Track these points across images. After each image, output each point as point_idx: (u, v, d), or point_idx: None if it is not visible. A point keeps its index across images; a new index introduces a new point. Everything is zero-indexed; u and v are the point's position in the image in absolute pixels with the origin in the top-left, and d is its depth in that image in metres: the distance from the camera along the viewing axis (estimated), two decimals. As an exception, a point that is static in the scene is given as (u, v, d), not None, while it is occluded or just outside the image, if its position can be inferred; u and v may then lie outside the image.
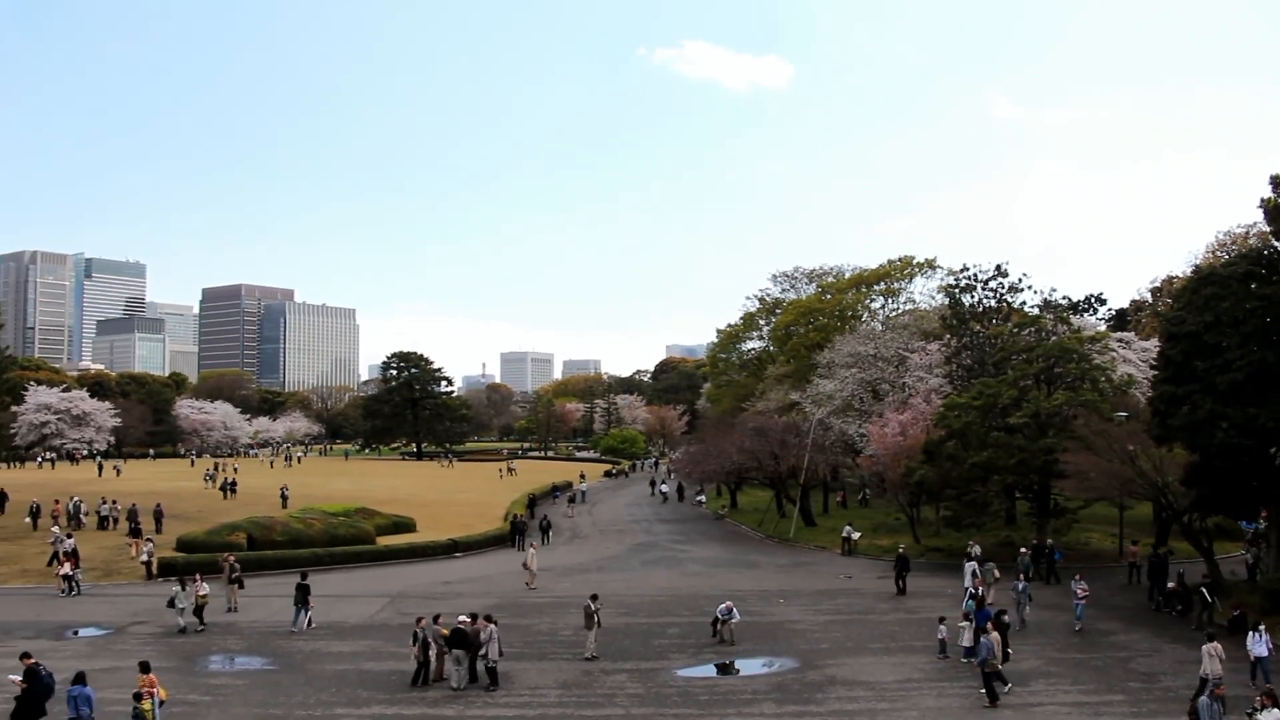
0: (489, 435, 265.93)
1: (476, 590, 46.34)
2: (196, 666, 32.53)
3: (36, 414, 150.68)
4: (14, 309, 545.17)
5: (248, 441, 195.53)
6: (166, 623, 38.02)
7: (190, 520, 66.88)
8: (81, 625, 38.92)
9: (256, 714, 27.02)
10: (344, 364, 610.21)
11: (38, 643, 35.45)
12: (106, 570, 52.11)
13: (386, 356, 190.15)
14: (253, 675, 31.58)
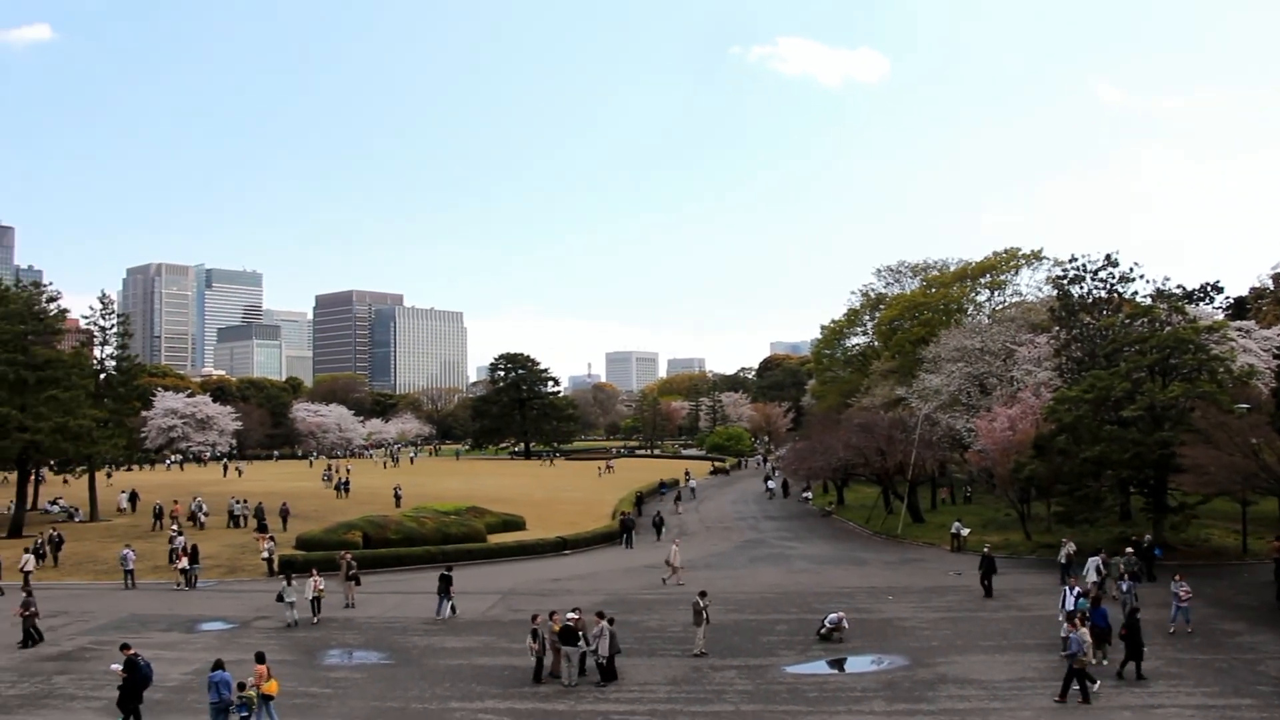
0: (595, 434, 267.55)
1: (585, 587, 46.88)
2: (316, 660, 33.60)
3: (164, 418, 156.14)
4: (142, 319, 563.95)
5: (362, 443, 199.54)
6: (286, 618, 39.44)
7: (309, 519, 68.93)
8: (209, 620, 40.49)
9: (374, 707, 27.77)
10: (453, 366, 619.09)
11: (170, 635, 37.12)
12: (230, 568, 53.96)
13: (494, 358, 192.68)
14: (370, 669, 32.50)
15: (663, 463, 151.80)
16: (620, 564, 56.30)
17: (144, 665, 26.20)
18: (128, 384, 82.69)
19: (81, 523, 73.57)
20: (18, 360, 68.04)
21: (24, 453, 69.11)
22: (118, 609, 42.91)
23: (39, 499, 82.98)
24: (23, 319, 71.94)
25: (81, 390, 71.91)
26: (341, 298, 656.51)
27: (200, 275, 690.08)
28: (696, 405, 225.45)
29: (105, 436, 72.98)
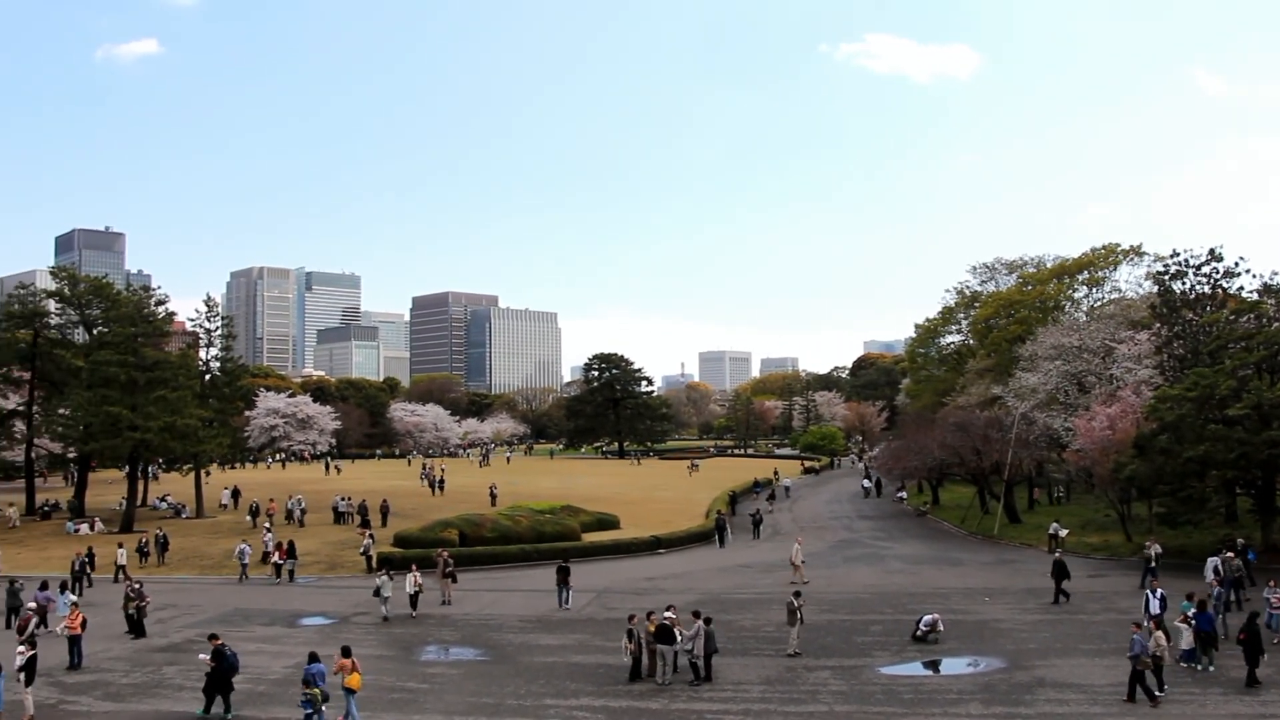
0: (689, 434, 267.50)
1: (679, 586, 46.97)
2: (413, 655, 34.21)
3: (266, 418, 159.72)
4: (244, 321, 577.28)
5: (458, 442, 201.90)
6: (381, 612, 40.26)
7: (406, 517, 70.03)
8: (310, 614, 41.50)
9: (470, 703, 28.12)
10: (547, 366, 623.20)
11: (272, 629, 38.11)
12: (330, 564, 55.13)
13: (588, 358, 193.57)
14: (466, 665, 32.99)
15: (756, 462, 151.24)
16: (714, 563, 56.32)
17: (230, 655, 27.21)
18: (232, 384, 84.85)
19: (188, 519, 75.62)
20: (128, 361, 70.20)
21: (134, 450, 71.35)
22: (223, 603, 44.14)
23: (148, 496, 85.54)
24: (133, 321, 74.32)
25: (188, 390, 73.93)
26: (438, 299, 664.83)
27: (300, 278, 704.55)
28: (790, 404, 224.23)
29: (210, 435, 74.91)
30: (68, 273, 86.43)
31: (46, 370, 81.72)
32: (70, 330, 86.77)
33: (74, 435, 73.55)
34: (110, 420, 67.88)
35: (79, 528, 68.36)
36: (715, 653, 30.35)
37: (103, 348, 73.69)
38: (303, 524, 69.26)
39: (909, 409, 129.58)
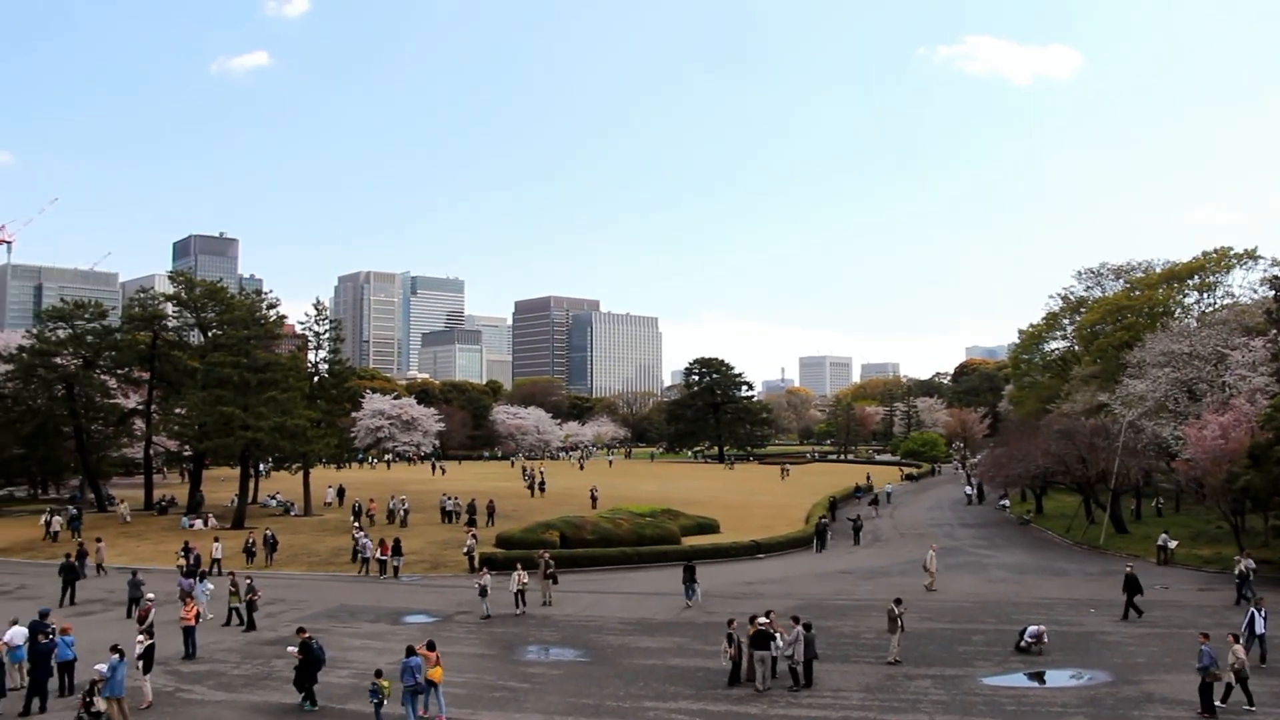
0: (788, 438, 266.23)
1: (778, 591, 46.90)
2: (514, 655, 34.63)
3: (372, 419, 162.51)
4: (352, 324, 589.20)
5: (559, 445, 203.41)
6: (482, 610, 40.86)
7: (507, 518, 70.98)
8: (413, 612, 42.26)
9: (570, 703, 28.36)
10: (648, 370, 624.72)
11: (378, 625, 38.90)
12: (434, 563, 56.03)
13: (688, 362, 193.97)
14: (566, 666, 33.30)
15: (854, 468, 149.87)
16: (814, 569, 56.10)
17: (317, 647, 28.13)
18: (339, 386, 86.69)
19: (296, 516, 77.47)
20: (241, 363, 72.15)
21: (246, 449, 73.28)
22: (329, 599, 45.14)
23: (259, 493, 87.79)
24: (246, 324, 76.42)
25: (297, 391, 75.73)
26: (540, 303, 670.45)
27: (406, 282, 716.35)
28: (891, 410, 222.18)
29: (319, 435, 76.61)
30: (185, 277, 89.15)
31: (164, 371, 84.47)
32: (186, 332, 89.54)
33: (189, 434, 75.82)
34: (223, 420, 69.83)
35: (193, 523, 70.46)
36: (815, 659, 30.26)
37: (217, 349, 75.87)
38: (405, 524, 70.48)
39: (1012, 415, 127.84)
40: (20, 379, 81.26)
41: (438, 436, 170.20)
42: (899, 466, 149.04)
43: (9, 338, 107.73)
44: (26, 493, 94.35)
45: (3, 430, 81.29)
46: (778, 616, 31.62)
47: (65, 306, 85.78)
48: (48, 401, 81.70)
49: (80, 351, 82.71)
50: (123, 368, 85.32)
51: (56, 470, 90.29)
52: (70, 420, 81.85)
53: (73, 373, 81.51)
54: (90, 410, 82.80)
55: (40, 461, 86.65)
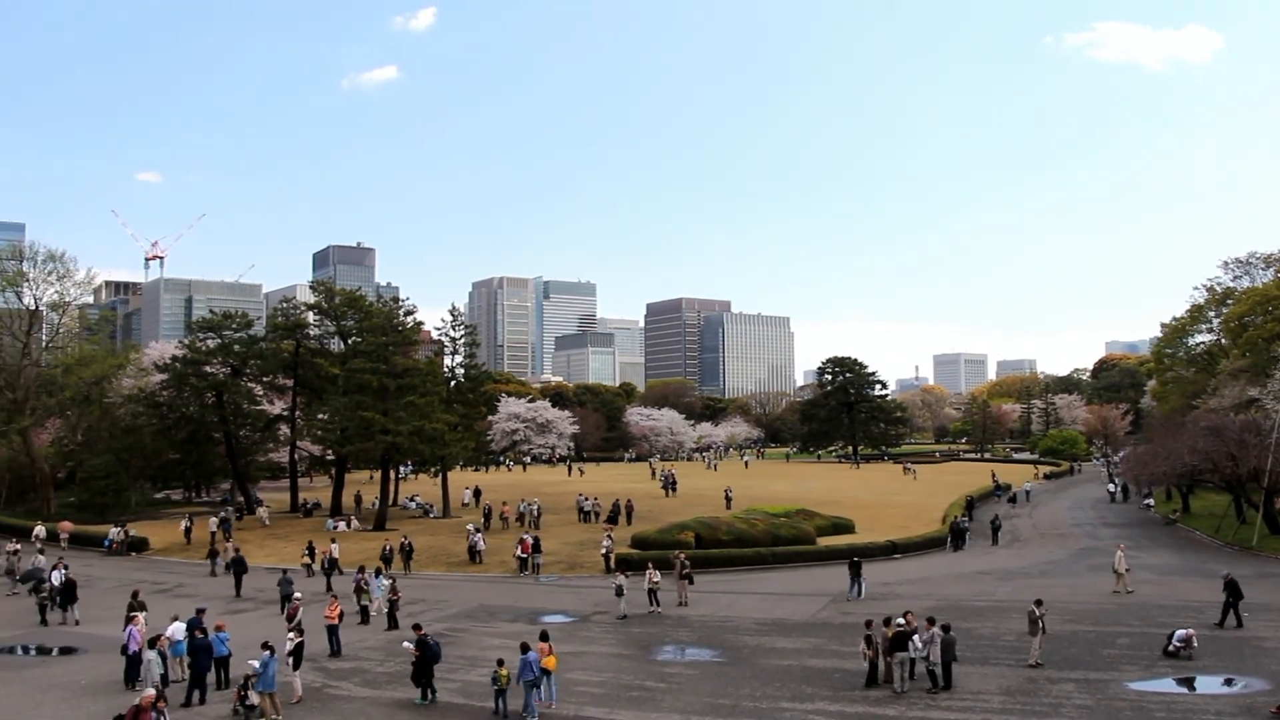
0: (923, 438, 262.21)
1: (916, 592, 46.29)
2: (650, 654, 34.86)
3: (507, 422, 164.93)
4: (486, 329, 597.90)
5: (692, 446, 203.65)
6: (619, 609, 41.21)
7: (642, 519, 71.54)
8: (551, 612, 42.85)
9: (706, 703, 28.42)
10: (780, 370, 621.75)
11: (516, 625, 39.51)
12: (570, 564, 56.68)
13: (821, 362, 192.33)
14: (703, 666, 33.37)
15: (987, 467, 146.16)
16: (951, 569, 55.24)
17: (433, 644, 29.06)
18: (475, 390, 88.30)
19: (435, 518, 79.04)
20: (380, 369, 73.96)
21: (386, 453, 75.05)
22: (469, 599, 46.03)
23: (399, 496, 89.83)
24: (384, 331, 78.28)
25: (435, 396, 77.32)
26: (671, 305, 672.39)
27: (539, 287, 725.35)
28: (1028, 408, 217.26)
29: (456, 439, 78.06)
30: (325, 286, 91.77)
31: (307, 378, 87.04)
32: (328, 340, 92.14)
33: (331, 438, 78.08)
34: (364, 424, 71.70)
35: (337, 525, 72.40)
36: (954, 661, 29.81)
37: (357, 356, 77.88)
38: (536, 525, 71.32)
39: (1155, 412, 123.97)
40: (174, 387, 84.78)
41: (572, 439, 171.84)
42: (1034, 465, 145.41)
43: (163, 348, 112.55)
44: (182, 496, 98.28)
45: (159, 436, 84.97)
46: (915, 617, 31.25)
47: (214, 317, 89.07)
48: (199, 408, 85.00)
49: (228, 360, 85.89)
50: (268, 375, 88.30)
51: (208, 474, 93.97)
52: (220, 426, 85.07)
53: (222, 380, 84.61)
54: (238, 416, 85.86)
55: (193, 466, 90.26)
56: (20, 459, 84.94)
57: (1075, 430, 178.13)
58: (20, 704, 28.96)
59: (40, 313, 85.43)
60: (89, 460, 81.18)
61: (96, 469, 79.18)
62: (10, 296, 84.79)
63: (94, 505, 77.82)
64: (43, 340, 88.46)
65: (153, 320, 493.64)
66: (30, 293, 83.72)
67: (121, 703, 28.48)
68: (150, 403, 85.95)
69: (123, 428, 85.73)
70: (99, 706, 28.43)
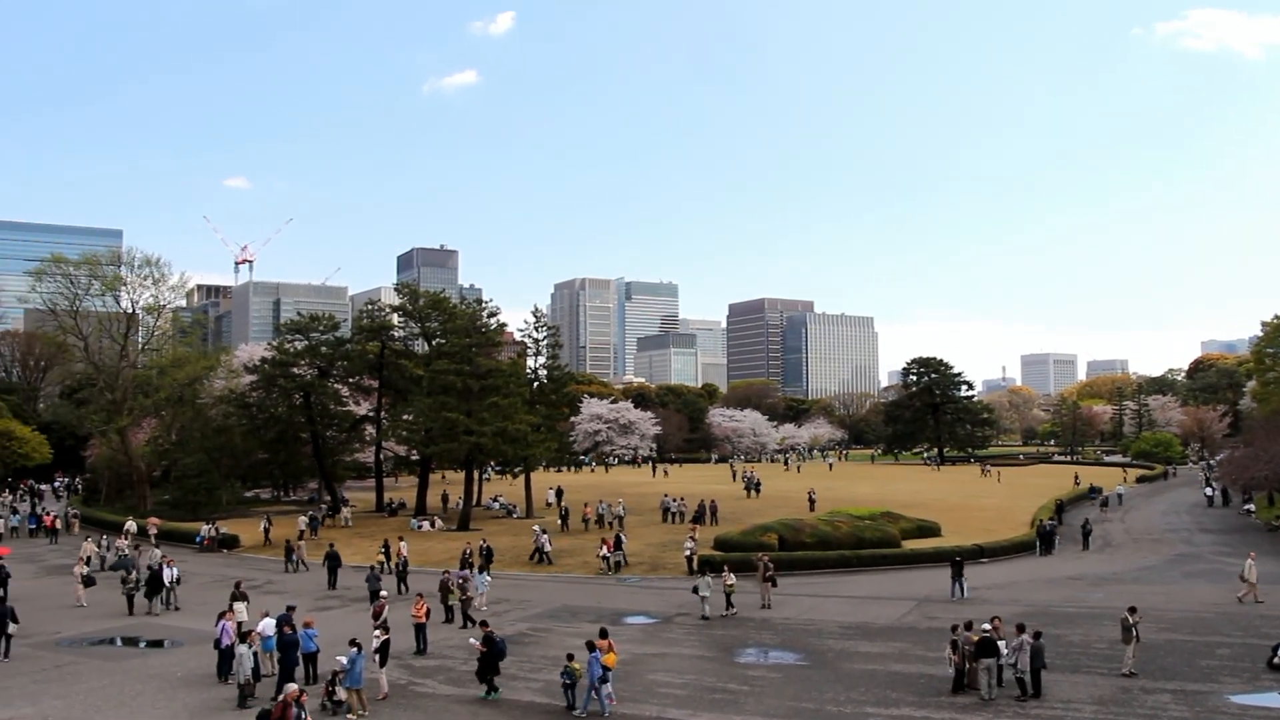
0: (1010, 439, 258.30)
1: (1003, 597, 45.46)
2: (733, 657, 34.60)
3: (590, 423, 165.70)
4: (569, 330, 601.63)
5: (775, 447, 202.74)
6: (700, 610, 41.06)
7: (725, 520, 71.52)
8: (633, 613, 42.79)
9: (790, 707, 28.17)
10: (863, 371, 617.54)
11: (598, 626, 39.33)
12: (652, 565, 56.60)
13: (906, 362, 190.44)
14: (786, 669, 33.04)
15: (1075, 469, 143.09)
16: (1040, 574, 54.20)
17: (499, 641, 29.65)
18: (558, 391, 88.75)
19: (518, 519, 79.50)
20: (464, 370, 74.59)
21: (470, 453, 75.64)
22: (552, 599, 46.15)
23: (482, 496, 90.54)
24: (468, 333, 78.98)
25: (518, 397, 77.79)
26: (753, 306, 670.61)
27: (620, 288, 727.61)
28: (1120, 409, 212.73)
29: (539, 440, 78.45)
30: (409, 289, 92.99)
31: (392, 379, 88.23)
32: (412, 342, 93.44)
33: (416, 439, 78.94)
34: (448, 425, 72.36)
35: (422, 524, 73.20)
36: (1043, 668, 29.16)
37: (441, 358, 78.68)
38: (613, 525, 71.25)
39: (1255, 414, 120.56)
40: (263, 388, 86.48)
41: (654, 440, 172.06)
42: (1122, 468, 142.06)
43: (252, 350, 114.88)
44: (270, 495, 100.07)
45: (249, 436, 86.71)
46: (1003, 623, 30.66)
47: (301, 320, 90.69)
48: (287, 409, 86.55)
49: (315, 362, 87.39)
50: (354, 376, 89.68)
51: (296, 474, 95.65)
52: (307, 426, 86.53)
53: (309, 382, 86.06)
54: (325, 417, 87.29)
55: (282, 465, 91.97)
56: (119, 457, 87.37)
57: (1169, 433, 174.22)
58: (121, 693, 30.09)
59: (137, 316, 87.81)
60: (182, 459, 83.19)
61: (189, 468, 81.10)
62: (109, 300, 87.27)
63: (187, 503, 79.79)
64: (139, 343, 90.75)
65: (242, 323, 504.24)
66: (127, 296, 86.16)
67: (214, 695, 29.53)
68: (240, 403, 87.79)
69: (214, 428, 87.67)
70: (193, 698, 29.43)
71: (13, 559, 56.69)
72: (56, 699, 29.59)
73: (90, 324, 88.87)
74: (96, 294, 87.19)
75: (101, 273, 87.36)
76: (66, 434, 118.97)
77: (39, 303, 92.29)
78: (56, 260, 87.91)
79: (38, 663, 34.46)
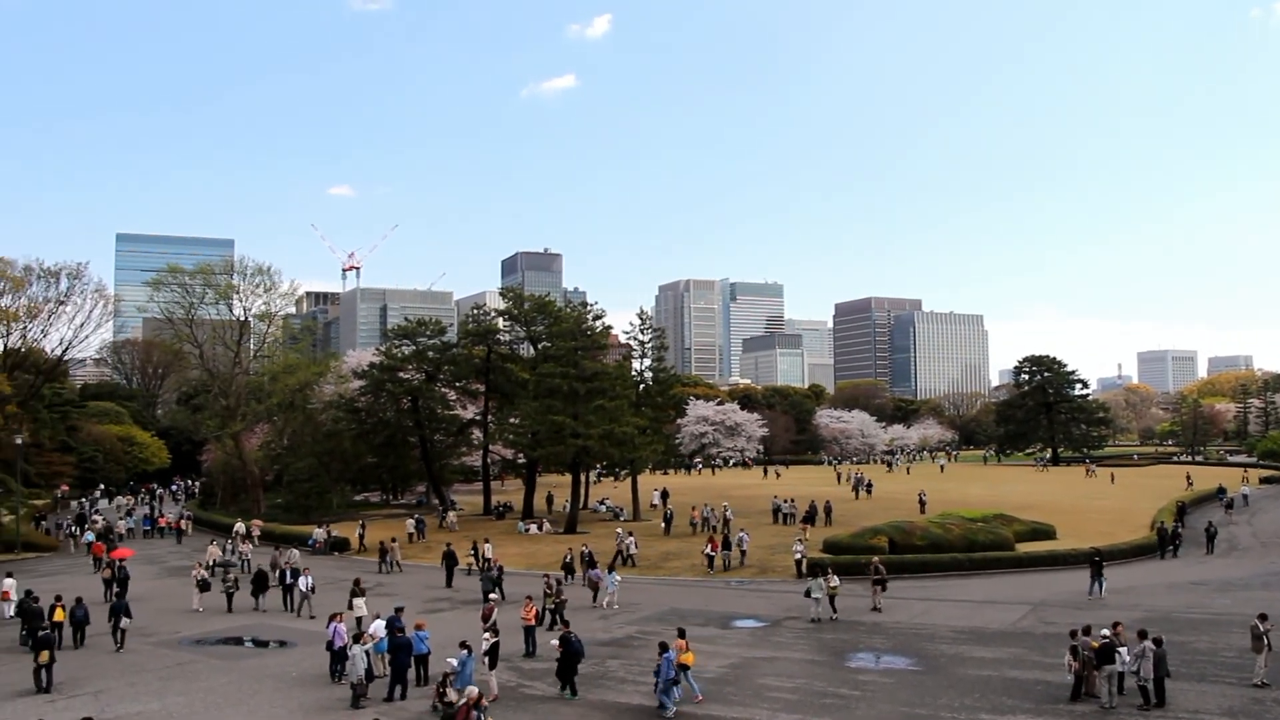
0: (1127, 439, 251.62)
1: (1123, 602, 44.08)
2: (843, 661, 34.05)
3: (696, 425, 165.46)
4: (674, 332, 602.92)
5: (884, 449, 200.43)
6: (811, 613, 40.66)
7: (835, 523, 70.67)
8: (742, 617, 42.49)
9: (902, 712, 27.66)
10: (973, 370, 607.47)
11: (707, 629, 39.27)
12: (761, 568, 56.23)
13: (1018, 361, 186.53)
14: (898, 674, 32.40)
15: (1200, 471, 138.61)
16: (1161, 579, 52.55)
17: (575, 642, 29.84)
18: (664, 393, 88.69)
19: (626, 521, 79.47)
20: (570, 373, 74.84)
21: (576, 456, 75.89)
22: (660, 602, 46.03)
23: (589, 499, 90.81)
24: (573, 336, 79.30)
25: (624, 400, 77.86)
26: (860, 305, 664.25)
27: (725, 289, 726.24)
28: (1245, 407, 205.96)
29: (645, 442, 78.37)
30: (514, 292, 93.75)
31: (498, 382, 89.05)
32: (518, 345, 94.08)
33: (523, 442, 79.50)
34: (555, 428, 72.69)
35: (529, 527, 73.67)
36: (1167, 676, 28.12)
37: (546, 361, 79.14)
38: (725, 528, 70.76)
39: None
40: (372, 393, 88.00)
41: (761, 441, 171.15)
42: (1243, 469, 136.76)
43: (361, 356, 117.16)
44: (379, 498, 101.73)
45: (358, 440, 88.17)
46: (1124, 629, 29.68)
47: (408, 325, 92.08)
48: (395, 414, 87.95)
49: (423, 366, 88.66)
50: (461, 380, 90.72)
51: (404, 477, 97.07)
52: (415, 430, 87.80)
53: (416, 386, 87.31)
54: (433, 421, 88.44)
55: (390, 469, 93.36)
56: (233, 462, 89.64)
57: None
58: (240, 691, 30.95)
59: (249, 323, 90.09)
60: (294, 464, 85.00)
61: (300, 472, 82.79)
62: (222, 308, 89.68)
63: (299, 506, 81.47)
64: (251, 349, 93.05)
65: (350, 328, 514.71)
66: (240, 304, 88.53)
67: (327, 695, 30.23)
68: (349, 408, 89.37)
69: (324, 432, 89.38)
70: (308, 698, 30.09)
71: (135, 561, 58.71)
72: (179, 695, 30.54)
73: (205, 332, 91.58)
74: (211, 302, 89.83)
75: (215, 282, 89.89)
76: (183, 439, 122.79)
77: (157, 312, 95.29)
78: (173, 270, 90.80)
79: (161, 660, 35.63)
